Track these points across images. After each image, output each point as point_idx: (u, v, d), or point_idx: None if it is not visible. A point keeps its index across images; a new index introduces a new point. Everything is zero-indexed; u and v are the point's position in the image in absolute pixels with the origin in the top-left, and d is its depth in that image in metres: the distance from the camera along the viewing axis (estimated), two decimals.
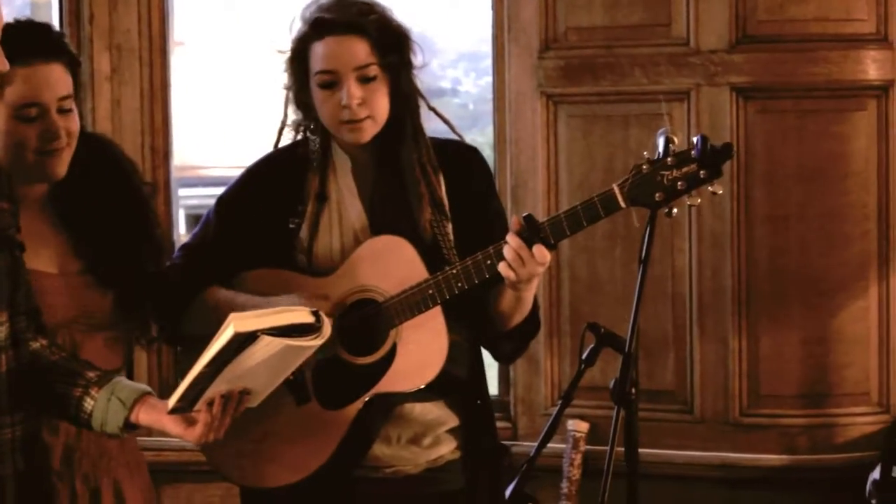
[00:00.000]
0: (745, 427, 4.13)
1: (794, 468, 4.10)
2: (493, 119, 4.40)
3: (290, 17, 2.80)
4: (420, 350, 2.73)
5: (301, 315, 2.34)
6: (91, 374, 2.47)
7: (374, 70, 2.74)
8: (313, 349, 2.39)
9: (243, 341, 2.28)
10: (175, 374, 3.93)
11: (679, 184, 2.57)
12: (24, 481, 2.38)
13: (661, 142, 2.61)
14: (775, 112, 4.09)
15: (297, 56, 2.78)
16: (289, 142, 2.89)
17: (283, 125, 2.88)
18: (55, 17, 4.42)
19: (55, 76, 2.68)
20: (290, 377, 2.63)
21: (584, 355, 2.87)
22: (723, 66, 4.08)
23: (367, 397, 2.73)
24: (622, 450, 2.62)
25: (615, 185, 2.60)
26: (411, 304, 2.70)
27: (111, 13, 4.41)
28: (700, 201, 2.59)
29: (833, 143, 4.06)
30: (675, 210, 2.59)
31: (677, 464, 4.14)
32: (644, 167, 2.59)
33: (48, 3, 4.64)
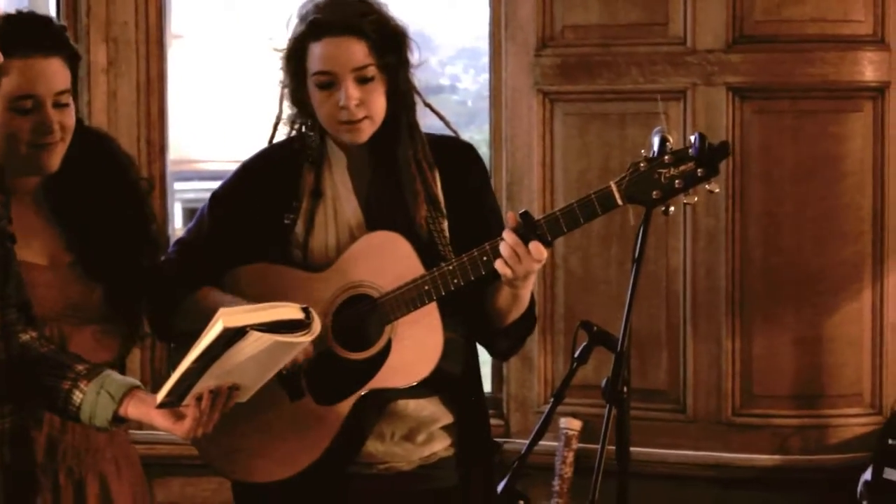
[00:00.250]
0: (738, 427, 4.13)
1: (787, 468, 4.10)
2: (490, 116, 4.39)
3: (288, 14, 2.79)
4: (415, 346, 2.72)
5: (290, 311, 2.33)
6: (80, 367, 2.46)
7: (372, 71, 2.73)
8: (302, 346, 2.39)
9: (232, 337, 2.27)
10: (168, 368, 3.92)
11: (676, 182, 2.57)
12: (11, 475, 2.38)
13: (656, 140, 2.61)
14: (772, 112, 4.09)
15: (294, 55, 2.77)
16: (284, 137, 2.89)
17: (278, 121, 2.87)
18: (52, 9, 4.41)
19: (53, 70, 2.66)
20: (283, 372, 2.63)
21: (576, 353, 2.87)
22: (719, 65, 4.08)
23: (361, 393, 2.73)
24: (614, 448, 2.62)
25: (612, 182, 2.60)
26: (407, 300, 2.70)
27: (108, 5, 4.41)
28: (697, 200, 2.59)
29: (829, 144, 4.06)
30: (672, 208, 2.59)
31: (670, 463, 4.14)
32: (642, 165, 2.59)
33: None
